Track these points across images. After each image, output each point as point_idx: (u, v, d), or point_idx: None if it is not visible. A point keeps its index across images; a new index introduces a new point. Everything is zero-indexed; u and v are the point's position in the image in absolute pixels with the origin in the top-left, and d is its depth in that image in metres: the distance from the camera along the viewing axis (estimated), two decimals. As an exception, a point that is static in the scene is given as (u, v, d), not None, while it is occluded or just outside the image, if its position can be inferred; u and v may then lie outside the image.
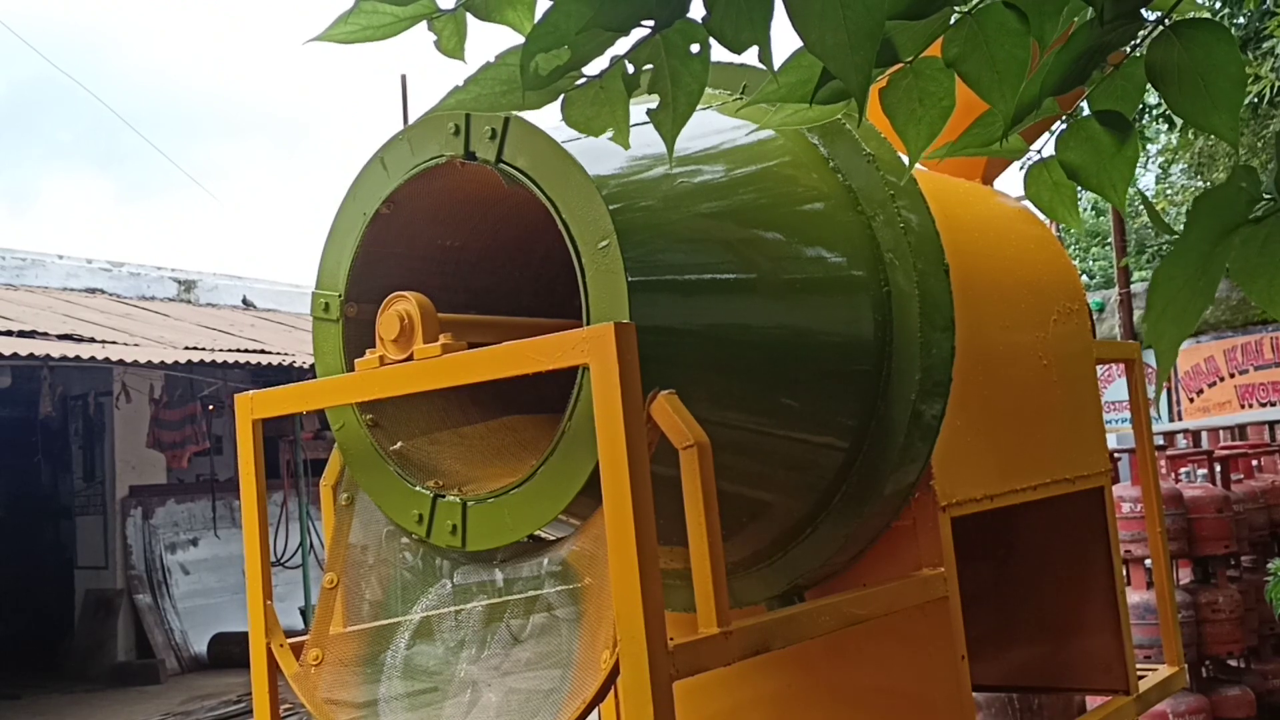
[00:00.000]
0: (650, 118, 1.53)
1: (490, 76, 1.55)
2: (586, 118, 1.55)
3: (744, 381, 2.53)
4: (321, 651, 2.55)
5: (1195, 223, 1.47)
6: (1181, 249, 1.47)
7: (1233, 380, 15.71)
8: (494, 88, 1.56)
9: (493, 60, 1.55)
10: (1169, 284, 1.49)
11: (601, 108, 1.54)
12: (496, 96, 1.56)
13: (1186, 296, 1.50)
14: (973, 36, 1.53)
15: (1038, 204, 1.88)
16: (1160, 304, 1.50)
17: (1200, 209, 1.48)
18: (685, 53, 1.46)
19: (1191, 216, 1.48)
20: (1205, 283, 1.47)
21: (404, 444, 2.53)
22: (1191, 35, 1.55)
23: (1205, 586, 6.83)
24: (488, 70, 1.55)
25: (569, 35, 1.41)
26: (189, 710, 11.03)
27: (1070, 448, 3.63)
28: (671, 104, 1.49)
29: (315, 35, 1.58)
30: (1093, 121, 1.73)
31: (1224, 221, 1.46)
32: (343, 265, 2.58)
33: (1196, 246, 1.48)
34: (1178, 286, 1.49)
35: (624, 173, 2.42)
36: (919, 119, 1.63)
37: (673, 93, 1.48)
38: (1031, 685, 3.98)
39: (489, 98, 1.57)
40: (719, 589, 2.11)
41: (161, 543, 14.08)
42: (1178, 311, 1.50)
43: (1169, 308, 1.49)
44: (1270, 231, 1.43)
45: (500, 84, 1.55)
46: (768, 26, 1.40)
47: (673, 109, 1.49)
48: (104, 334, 12.12)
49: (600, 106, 1.54)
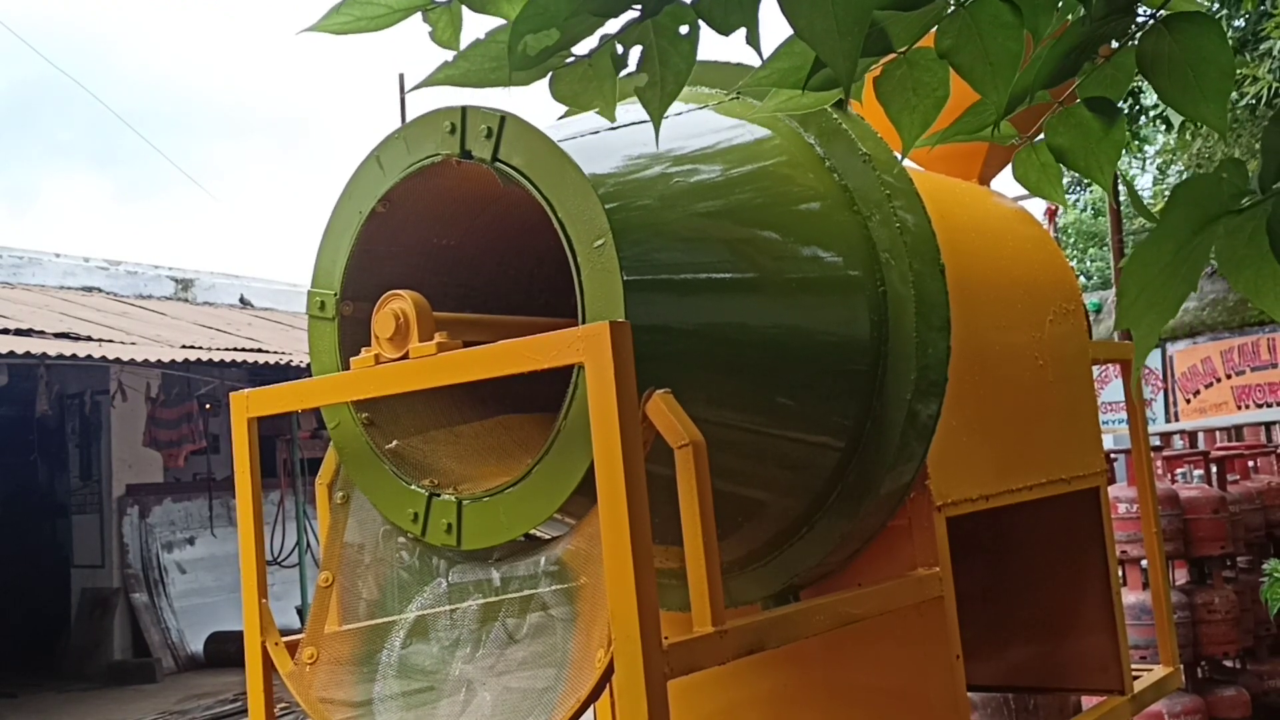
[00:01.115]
0: (638, 95, 1.53)
1: (480, 53, 1.56)
2: (574, 93, 1.55)
3: (740, 381, 2.53)
4: (316, 650, 2.55)
5: (1173, 209, 1.48)
6: (1158, 235, 1.48)
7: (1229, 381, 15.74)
8: (483, 64, 1.56)
9: (483, 37, 1.55)
10: (1144, 269, 1.49)
11: (589, 84, 1.54)
12: (485, 73, 1.57)
13: (1164, 281, 1.50)
14: (966, 28, 1.53)
15: (1025, 185, 1.90)
16: (1135, 289, 1.50)
17: (1179, 196, 1.48)
18: (674, 34, 1.46)
19: (1169, 203, 1.48)
20: (1187, 269, 1.47)
21: (399, 442, 2.53)
22: (1182, 27, 1.58)
23: (1201, 587, 6.83)
24: (477, 47, 1.55)
25: (558, 18, 1.41)
26: (185, 709, 11.02)
27: (1066, 448, 3.63)
28: (660, 83, 1.49)
29: (309, 25, 1.58)
30: (1081, 107, 1.75)
31: (1204, 210, 1.46)
32: (338, 263, 2.58)
33: (1174, 233, 1.48)
34: (1153, 272, 1.49)
35: (620, 172, 2.42)
36: (913, 108, 1.64)
37: (661, 73, 1.49)
38: (1027, 685, 3.99)
39: (478, 73, 1.57)
40: (714, 588, 2.11)
41: (158, 542, 14.07)
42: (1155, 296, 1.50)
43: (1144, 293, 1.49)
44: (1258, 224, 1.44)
45: (490, 60, 1.56)
46: (756, 9, 1.41)
47: (661, 87, 1.50)
48: (101, 332, 12.12)
49: (588, 83, 1.54)
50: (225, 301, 17.23)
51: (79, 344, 11.22)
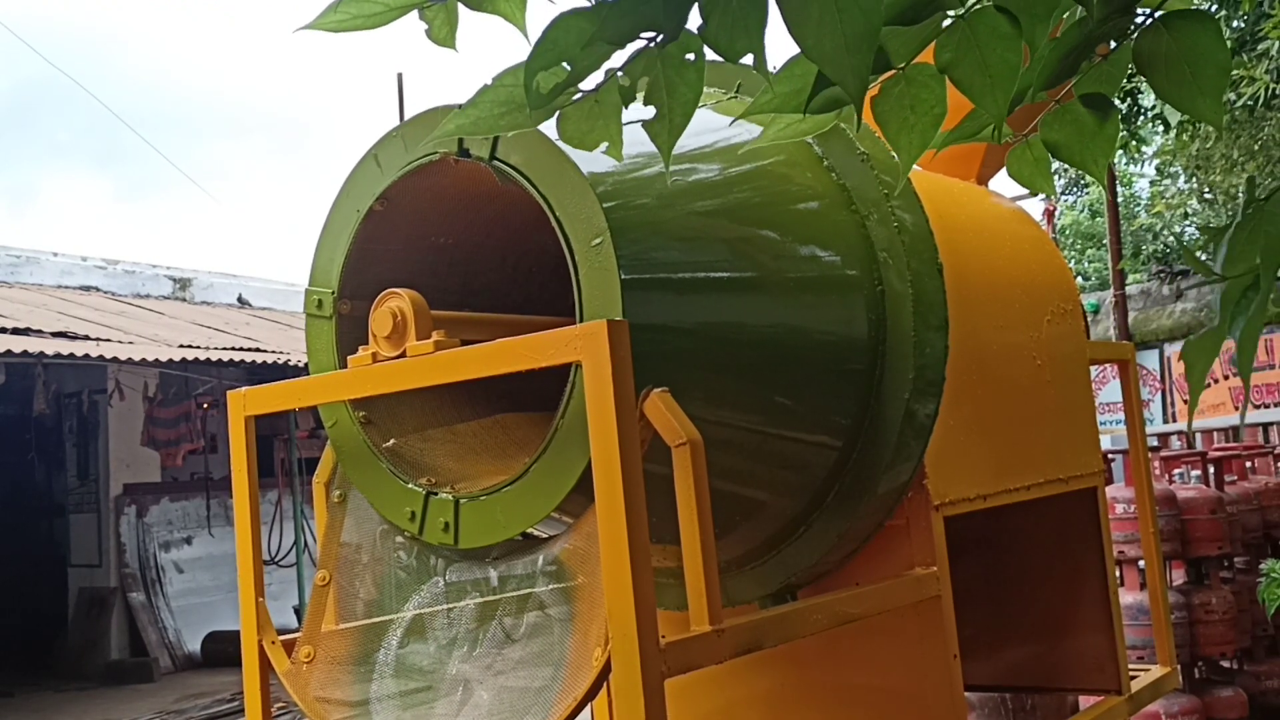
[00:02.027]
0: (646, 130, 1.52)
1: (489, 99, 1.55)
2: (581, 133, 1.55)
3: (737, 380, 2.53)
4: (313, 649, 2.54)
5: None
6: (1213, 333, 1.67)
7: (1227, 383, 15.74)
8: (492, 110, 1.56)
9: (489, 83, 1.55)
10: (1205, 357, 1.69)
11: (596, 122, 1.54)
12: (495, 119, 1.57)
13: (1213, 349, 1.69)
14: (965, 41, 1.53)
15: (1018, 179, 1.92)
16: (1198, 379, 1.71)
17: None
18: (681, 62, 1.46)
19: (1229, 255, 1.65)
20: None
21: (397, 441, 2.53)
22: (1179, 25, 1.60)
23: (1198, 588, 6.83)
24: (485, 93, 1.55)
25: (570, 51, 1.41)
26: (182, 709, 11.01)
27: (1064, 448, 3.63)
28: (668, 115, 1.49)
29: (305, 24, 1.58)
30: (1077, 104, 1.77)
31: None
32: (336, 262, 2.58)
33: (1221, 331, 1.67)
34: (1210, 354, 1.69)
35: (618, 171, 2.41)
36: (911, 127, 1.63)
37: (668, 104, 1.48)
38: (1024, 685, 3.99)
39: (488, 121, 1.57)
40: (711, 587, 2.11)
41: (155, 541, 14.05)
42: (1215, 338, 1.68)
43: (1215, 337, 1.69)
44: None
45: (498, 106, 1.55)
46: (762, 34, 1.40)
47: (669, 120, 1.50)
48: (99, 331, 12.10)
49: (595, 120, 1.54)
50: (223, 301, 17.21)
51: (77, 343, 11.21)
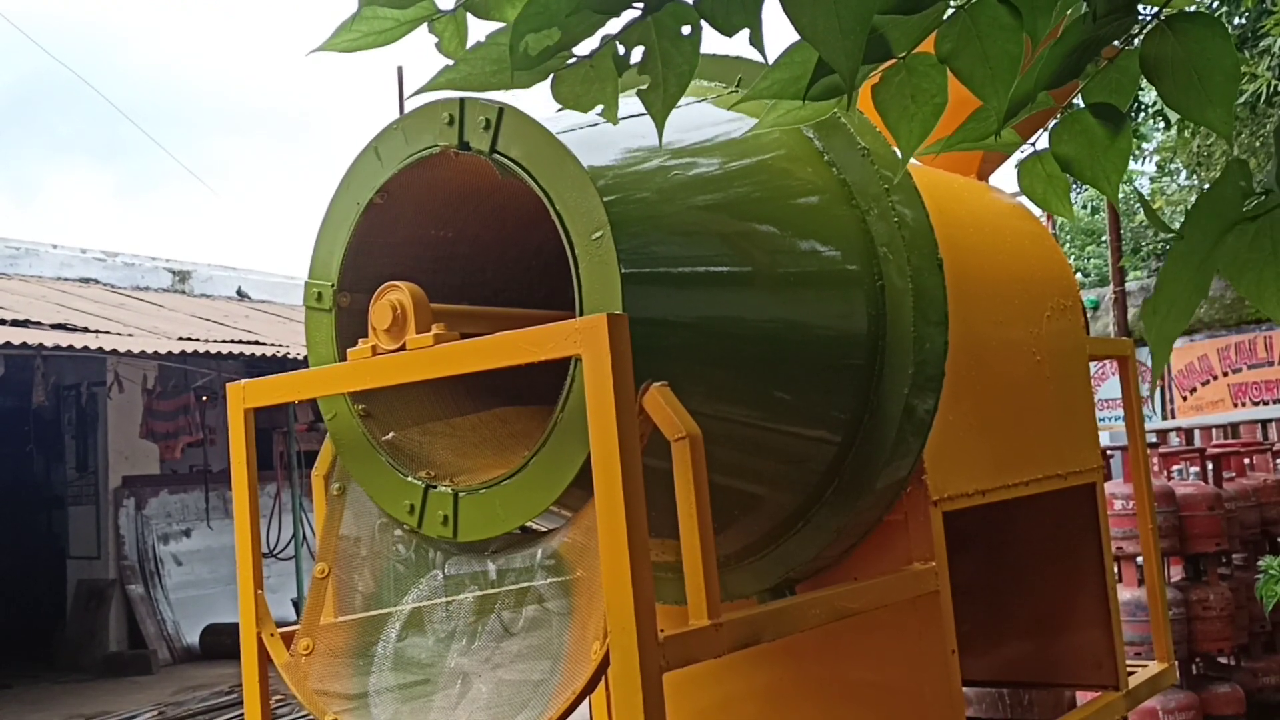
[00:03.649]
0: (640, 98, 1.52)
1: (481, 55, 1.55)
2: (575, 95, 1.55)
3: (737, 374, 2.53)
4: (312, 641, 2.54)
5: (1195, 222, 1.48)
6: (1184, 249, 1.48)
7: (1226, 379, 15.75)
8: (484, 66, 1.56)
9: (483, 40, 1.55)
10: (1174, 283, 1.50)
11: (591, 85, 1.54)
12: (487, 75, 1.56)
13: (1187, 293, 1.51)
14: (966, 31, 1.53)
15: (1031, 197, 1.88)
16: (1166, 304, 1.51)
17: (1200, 208, 1.48)
18: (676, 34, 1.45)
19: (1191, 216, 1.49)
20: (1201, 278, 1.48)
21: (396, 434, 2.53)
22: (1186, 29, 1.55)
23: (1196, 584, 6.84)
24: (478, 50, 1.55)
25: (559, 16, 1.41)
26: (181, 701, 11.02)
27: (1062, 444, 3.63)
28: (662, 85, 1.49)
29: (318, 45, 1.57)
30: (1086, 114, 1.73)
31: (1221, 220, 1.47)
32: (336, 255, 2.58)
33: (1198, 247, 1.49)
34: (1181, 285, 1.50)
35: (618, 165, 2.41)
36: (911, 116, 1.63)
37: (664, 74, 1.48)
38: (1022, 680, 3.99)
39: (479, 76, 1.56)
40: (710, 581, 2.11)
41: (154, 533, 14.05)
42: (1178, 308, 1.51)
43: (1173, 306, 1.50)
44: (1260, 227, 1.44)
45: (490, 63, 1.55)
46: (759, 10, 1.40)
47: (664, 89, 1.49)
48: (98, 324, 12.10)
49: (590, 84, 1.54)
50: (223, 294, 17.20)
51: (76, 335, 11.20)
